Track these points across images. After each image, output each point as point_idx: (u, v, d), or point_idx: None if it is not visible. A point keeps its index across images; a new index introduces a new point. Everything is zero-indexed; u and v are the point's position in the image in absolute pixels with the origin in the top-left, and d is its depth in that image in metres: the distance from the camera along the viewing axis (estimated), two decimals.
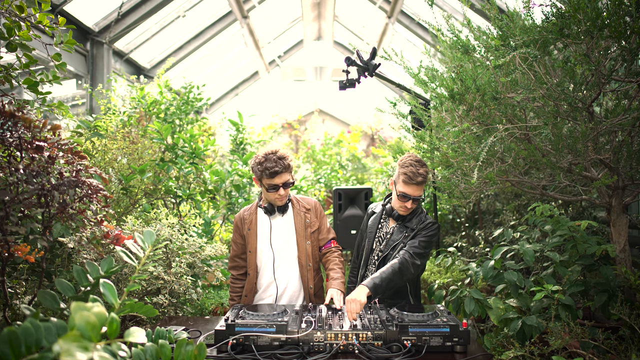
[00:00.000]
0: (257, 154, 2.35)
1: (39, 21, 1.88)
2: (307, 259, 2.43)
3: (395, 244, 2.42)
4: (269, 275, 2.44)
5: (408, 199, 2.32)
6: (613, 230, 2.25)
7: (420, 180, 2.28)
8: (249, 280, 2.46)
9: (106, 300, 1.05)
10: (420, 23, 7.06)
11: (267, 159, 2.27)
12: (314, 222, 2.49)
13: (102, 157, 3.32)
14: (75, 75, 6.05)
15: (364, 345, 1.79)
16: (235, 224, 2.52)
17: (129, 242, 1.36)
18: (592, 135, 1.98)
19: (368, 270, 2.51)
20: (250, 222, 2.46)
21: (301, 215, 2.47)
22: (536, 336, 1.94)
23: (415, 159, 2.35)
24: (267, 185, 2.31)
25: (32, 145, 1.55)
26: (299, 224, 2.46)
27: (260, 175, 2.30)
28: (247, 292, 2.46)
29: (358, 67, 2.71)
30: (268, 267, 2.44)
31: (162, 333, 1.40)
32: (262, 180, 2.32)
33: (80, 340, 0.70)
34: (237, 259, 2.53)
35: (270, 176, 2.27)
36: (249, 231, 2.45)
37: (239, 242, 2.51)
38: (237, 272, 2.55)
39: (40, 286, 1.72)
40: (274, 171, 2.25)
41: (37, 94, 2.01)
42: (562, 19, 1.79)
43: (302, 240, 2.44)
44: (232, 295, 2.56)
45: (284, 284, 2.43)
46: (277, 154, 2.30)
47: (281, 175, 2.29)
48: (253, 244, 2.44)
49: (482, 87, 2.02)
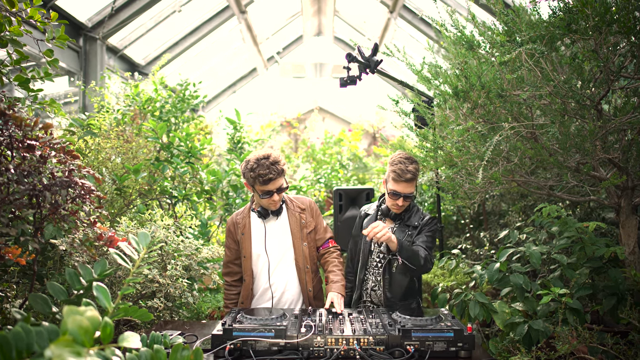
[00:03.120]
0: (248, 158, 2.30)
1: (30, 16, 1.88)
2: (305, 260, 2.42)
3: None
4: (265, 281, 2.43)
5: (399, 196, 2.37)
6: (622, 231, 2.25)
7: (409, 177, 2.32)
8: (245, 286, 2.45)
9: (99, 304, 1.05)
10: (424, 18, 7.07)
11: (259, 165, 2.22)
12: (309, 222, 2.47)
13: (95, 157, 3.32)
14: (67, 72, 6.05)
15: (366, 350, 1.79)
16: (228, 228, 2.49)
17: (123, 244, 1.36)
18: (600, 134, 1.98)
19: (368, 273, 2.51)
20: (244, 226, 2.44)
21: (296, 215, 2.45)
22: (543, 341, 1.94)
23: (405, 156, 2.39)
24: (260, 192, 2.27)
25: (23, 144, 1.55)
26: (294, 224, 2.44)
27: (253, 182, 2.26)
28: (244, 299, 2.45)
29: (359, 64, 2.71)
30: (264, 273, 2.43)
31: (158, 338, 1.40)
32: (254, 186, 2.29)
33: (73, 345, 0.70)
34: (231, 265, 2.52)
35: (264, 183, 2.23)
36: (242, 236, 2.43)
37: (233, 248, 2.49)
38: (231, 279, 2.53)
39: (31, 289, 1.73)
40: (268, 178, 2.21)
41: (29, 91, 2.01)
42: (570, 14, 1.79)
43: (299, 241, 2.42)
44: (226, 303, 2.54)
45: (281, 288, 2.43)
46: (269, 159, 2.24)
47: (275, 182, 2.25)
48: (247, 249, 2.42)
49: (487, 84, 2.02)
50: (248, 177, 2.27)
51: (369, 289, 2.51)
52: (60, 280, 2.15)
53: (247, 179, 2.29)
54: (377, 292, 2.49)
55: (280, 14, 9.42)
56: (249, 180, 2.27)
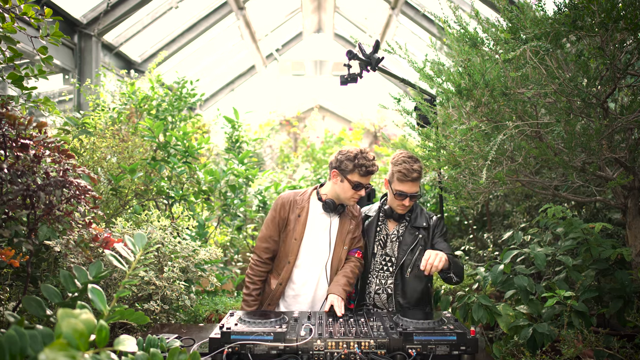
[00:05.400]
0: (345, 149, 2.44)
1: (23, 12, 1.88)
2: (339, 263, 2.48)
3: (411, 247, 2.45)
4: (315, 274, 2.47)
5: (405, 196, 2.37)
6: (629, 232, 2.25)
7: (415, 176, 2.34)
8: (287, 268, 2.46)
9: (95, 306, 1.05)
10: (426, 14, 7.07)
11: (363, 156, 2.37)
12: (355, 230, 2.54)
13: (90, 156, 3.32)
14: (62, 69, 6.05)
15: (367, 354, 1.79)
16: (282, 204, 2.51)
17: (119, 246, 1.36)
18: (606, 133, 1.98)
19: (372, 276, 2.51)
20: (302, 208, 2.48)
21: (347, 219, 2.52)
22: (548, 344, 1.94)
23: (408, 155, 2.41)
24: (353, 183, 2.37)
25: (16, 144, 1.55)
26: (344, 227, 2.50)
27: (351, 171, 2.37)
28: (283, 281, 2.47)
29: (360, 61, 2.71)
30: (315, 265, 2.47)
31: (154, 341, 1.40)
32: (347, 176, 2.38)
33: (67, 348, 0.70)
34: (270, 241, 2.52)
35: (364, 174, 2.36)
36: (298, 217, 2.46)
37: (280, 224, 2.51)
38: (266, 255, 2.53)
39: (25, 292, 1.73)
40: (371, 170, 2.36)
41: (22, 89, 2.01)
42: (575, 10, 1.79)
43: (340, 244, 2.48)
44: (254, 279, 2.53)
45: (325, 284, 2.48)
46: (370, 154, 2.41)
47: (370, 177, 2.41)
48: (300, 232, 2.45)
49: (490, 82, 2.02)
50: (346, 165, 2.36)
51: (372, 293, 2.51)
52: (55, 283, 2.15)
53: (344, 167, 2.37)
54: (381, 295, 2.49)
55: (279, 10, 9.42)
56: (346, 168, 2.36)
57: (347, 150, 2.41)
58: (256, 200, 4.61)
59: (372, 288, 2.51)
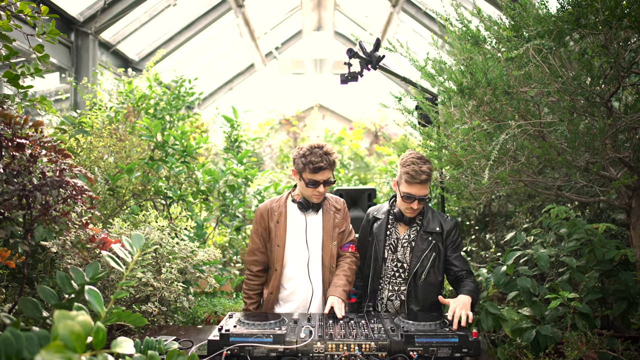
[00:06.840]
0: (301, 145, 2.41)
1: (20, 10, 1.88)
2: (331, 260, 2.47)
3: (424, 254, 2.37)
4: (302, 276, 2.47)
5: (413, 199, 2.30)
6: (633, 233, 2.25)
7: (424, 178, 2.26)
8: (275, 276, 2.47)
9: (92, 308, 1.05)
10: (427, 12, 7.07)
11: (312, 153, 2.32)
12: (341, 223, 2.53)
13: (87, 156, 3.32)
14: (58, 68, 6.05)
15: (367, 356, 1.79)
16: (260, 214, 2.53)
17: (116, 247, 1.36)
18: (610, 132, 1.98)
19: (383, 282, 2.47)
20: (280, 214, 2.49)
21: (330, 214, 2.51)
22: (551, 347, 1.94)
23: (417, 155, 2.34)
24: (307, 180, 2.35)
25: (12, 143, 1.55)
26: (328, 222, 2.50)
27: (302, 169, 2.34)
28: (273, 289, 2.48)
29: (361, 60, 2.71)
30: (299, 267, 2.47)
31: (152, 343, 1.40)
32: (302, 174, 2.36)
33: (64, 351, 0.70)
34: (257, 253, 2.54)
35: (314, 171, 2.31)
36: (277, 224, 2.47)
37: (263, 235, 2.52)
38: (256, 268, 2.55)
39: (21, 293, 1.72)
40: (319, 167, 2.30)
41: (18, 87, 2.01)
42: (579, 7, 1.79)
43: (329, 240, 2.48)
44: (249, 293, 2.55)
45: (318, 285, 2.47)
46: (323, 149, 2.35)
47: (324, 172, 2.34)
48: (282, 237, 2.46)
49: (493, 81, 2.02)
50: (298, 164, 2.35)
51: (384, 299, 2.46)
52: (51, 284, 2.15)
53: (297, 165, 2.37)
54: (394, 302, 2.45)
55: (278, 8, 9.42)
56: (299, 166, 2.36)
57: (300, 147, 2.41)
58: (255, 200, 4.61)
59: (384, 294, 2.46)
